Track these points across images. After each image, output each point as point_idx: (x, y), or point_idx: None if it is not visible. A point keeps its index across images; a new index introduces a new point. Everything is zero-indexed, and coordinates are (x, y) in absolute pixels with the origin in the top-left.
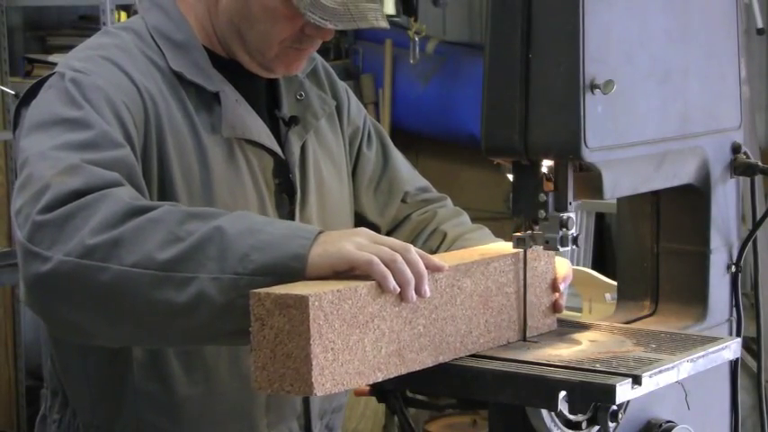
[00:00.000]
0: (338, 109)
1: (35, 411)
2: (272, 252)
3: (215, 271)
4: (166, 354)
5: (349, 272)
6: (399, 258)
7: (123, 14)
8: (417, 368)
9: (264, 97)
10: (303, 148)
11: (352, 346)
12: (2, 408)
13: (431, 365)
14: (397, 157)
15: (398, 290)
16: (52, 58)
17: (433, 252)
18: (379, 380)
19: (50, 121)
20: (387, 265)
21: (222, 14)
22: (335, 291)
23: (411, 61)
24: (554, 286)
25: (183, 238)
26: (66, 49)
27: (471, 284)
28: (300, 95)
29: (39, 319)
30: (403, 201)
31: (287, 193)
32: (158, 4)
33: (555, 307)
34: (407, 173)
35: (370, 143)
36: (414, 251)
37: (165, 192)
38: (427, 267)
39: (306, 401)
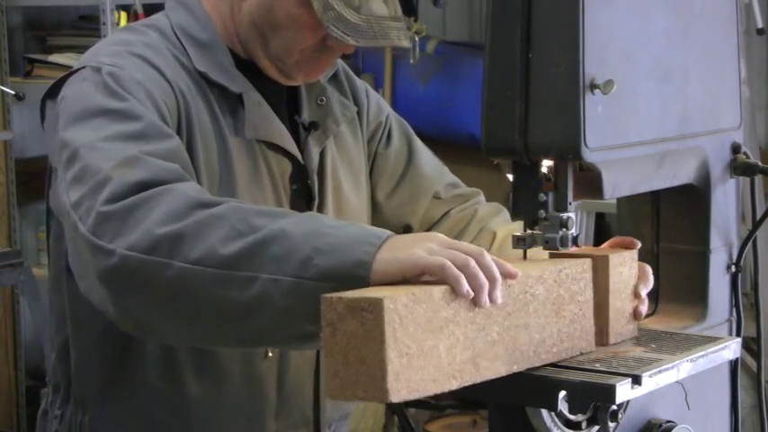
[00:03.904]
0: (358, 113)
1: (35, 411)
2: (336, 256)
3: (277, 272)
4: (178, 352)
5: (418, 277)
6: (472, 263)
7: (123, 14)
8: (491, 377)
9: (285, 101)
10: (322, 154)
11: (427, 351)
12: (2, 408)
13: (504, 375)
14: (423, 154)
15: (472, 294)
16: (52, 58)
17: None
18: (454, 388)
19: (93, 113)
20: (460, 270)
21: (245, 17)
22: (410, 294)
23: (411, 61)
24: (635, 292)
25: (246, 235)
26: (66, 49)
27: (544, 291)
28: (321, 100)
29: (39, 318)
30: (436, 197)
31: (304, 198)
32: (183, 2)
33: (635, 313)
34: (433, 170)
35: (390, 142)
36: (488, 256)
37: None
38: (501, 273)
39: (317, 409)
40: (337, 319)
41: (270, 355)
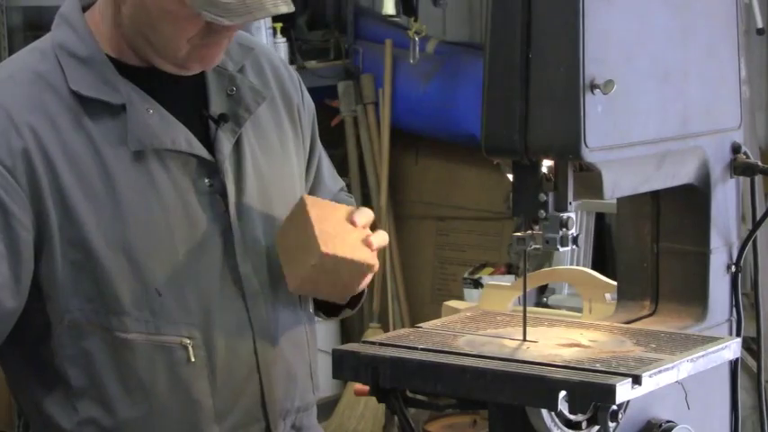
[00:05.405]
0: (290, 104)
1: None
2: None
3: None
4: (104, 377)
5: None
6: None
7: None
8: None
9: (191, 98)
10: (238, 144)
11: None
12: (2, 408)
13: None
14: (324, 161)
15: None
16: None
17: None
18: None
19: None
20: None
21: (126, 22)
22: None
23: (411, 61)
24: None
25: None
26: None
27: None
28: (232, 90)
29: None
30: None
31: (219, 193)
32: (67, 19)
33: None
34: (331, 179)
35: (313, 154)
36: None
37: (70, 218)
38: None
39: (264, 405)
40: None
41: (193, 360)
